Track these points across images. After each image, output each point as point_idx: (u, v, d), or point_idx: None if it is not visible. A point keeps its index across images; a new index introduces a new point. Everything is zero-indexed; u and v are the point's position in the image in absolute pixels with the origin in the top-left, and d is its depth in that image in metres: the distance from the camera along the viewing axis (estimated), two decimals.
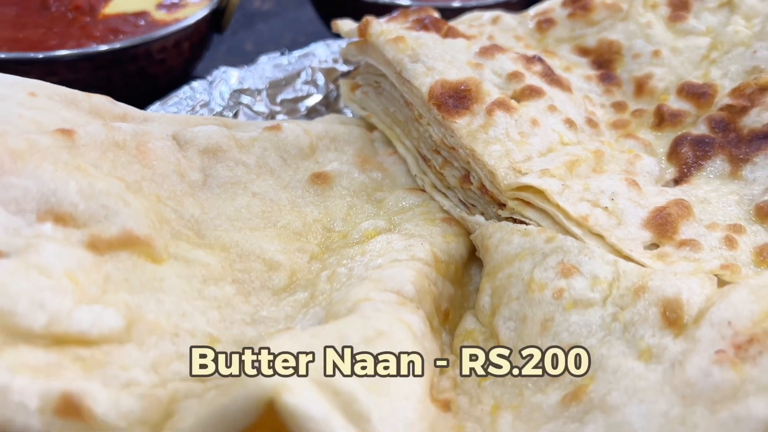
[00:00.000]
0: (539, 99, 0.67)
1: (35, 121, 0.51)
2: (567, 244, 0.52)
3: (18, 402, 0.33)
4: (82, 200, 0.46)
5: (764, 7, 0.76)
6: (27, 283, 0.38)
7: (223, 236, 0.53)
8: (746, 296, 0.44)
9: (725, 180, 0.63)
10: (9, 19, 0.93)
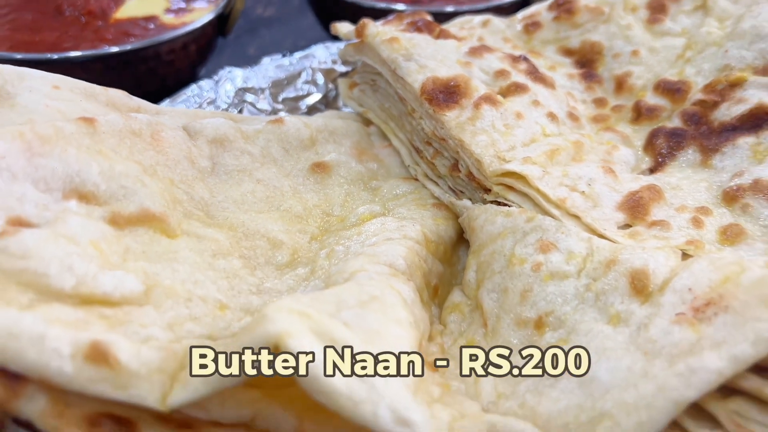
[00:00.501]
0: (524, 94, 0.71)
1: (59, 110, 0.55)
2: (545, 223, 0.56)
3: (53, 348, 0.37)
4: (103, 181, 0.51)
5: (736, 10, 0.80)
6: (57, 249, 0.43)
7: (231, 217, 0.58)
8: (706, 266, 0.49)
9: (696, 168, 0.67)
10: (26, 23, 0.98)
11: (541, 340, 0.50)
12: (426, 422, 0.39)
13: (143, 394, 0.39)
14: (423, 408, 0.41)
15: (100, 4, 1.02)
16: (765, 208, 0.59)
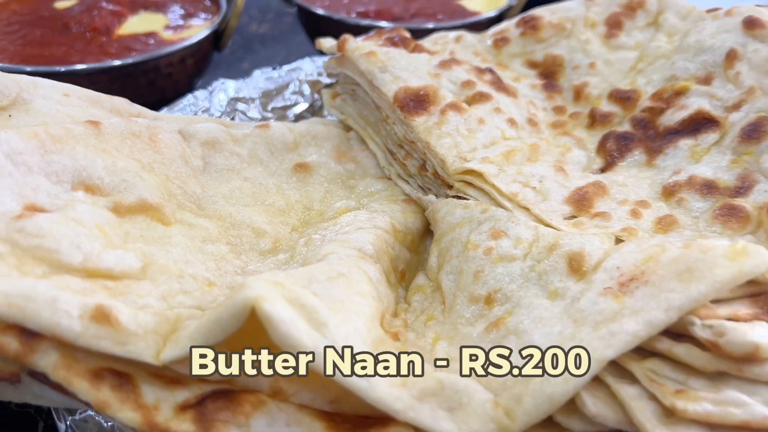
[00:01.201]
0: (487, 102, 0.78)
1: (69, 115, 0.62)
2: (498, 213, 0.63)
3: (64, 310, 0.43)
4: (107, 175, 0.57)
5: (683, 26, 0.87)
6: (67, 230, 0.49)
7: (220, 209, 0.65)
8: (634, 248, 0.55)
9: (642, 168, 0.74)
10: (36, 39, 1.05)
11: (490, 313, 0.56)
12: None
13: (139, 350, 0.45)
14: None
15: (104, 21, 1.09)
16: (696, 201, 0.66)
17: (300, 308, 0.45)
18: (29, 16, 1.12)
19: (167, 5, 1.16)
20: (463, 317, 0.57)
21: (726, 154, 0.70)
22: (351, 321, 0.48)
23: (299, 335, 0.43)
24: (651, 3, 0.92)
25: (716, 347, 0.48)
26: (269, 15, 1.53)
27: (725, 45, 0.78)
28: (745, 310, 0.51)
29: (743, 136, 0.69)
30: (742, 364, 0.48)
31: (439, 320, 0.59)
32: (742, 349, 0.47)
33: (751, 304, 0.52)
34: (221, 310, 0.44)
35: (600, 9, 0.94)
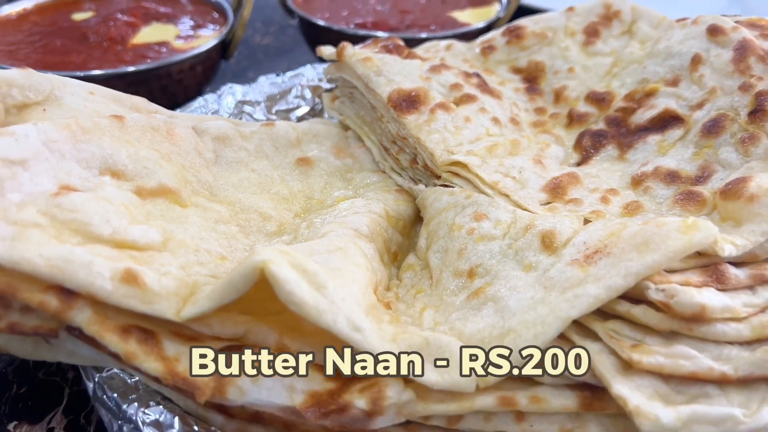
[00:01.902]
0: (473, 103, 0.85)
1: (95, 110, 0.68)
2: (480, 199, 0.69)
3: (98, 272, 0.50)
4: (130, 162, 0.64)
5: (655, 34, 0.94)
6: (98, 206, 0.55)
7: (230, 196, 0.71)
8: (599, 226, 0.61)
9: (614, 162, 0.80)
10: (57, 47, 1.12)
11: (471, 285, 0.62)
12: (374, 331, 0.52)
13: (163, 309, 0.51)
14: (373, 323, 0.53)
15: (119, 32, 1.16)
16: (661, 189, 0.72)
17: (302, 272, 0.51)
18: (49, 27, 1.19)
19: (178, 17, 1.23)
20: (448, 289, 0.64)
21: (689, 147, 0.76)
22: (347, 285, 0.54)
23: (302, 294, 0.49)
24: (626, 13, 0.99)
25: (668, 308, 0.54)
26: (272, 27, 1.60)
27: (691, 50, 0.84)
28: (696, 278, 0.57)
29: (704, 131, 0.75)
30: (692, 324, 0.54)
31: (426, 293, 0.65)
32: (690, 309, 0.53)
33: (702, 273, 0.58)
34: (234, 273, 0.50)
35: (579, 19, 1.01)
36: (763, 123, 0.71)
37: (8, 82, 0.63)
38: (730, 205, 0.63)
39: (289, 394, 0.51)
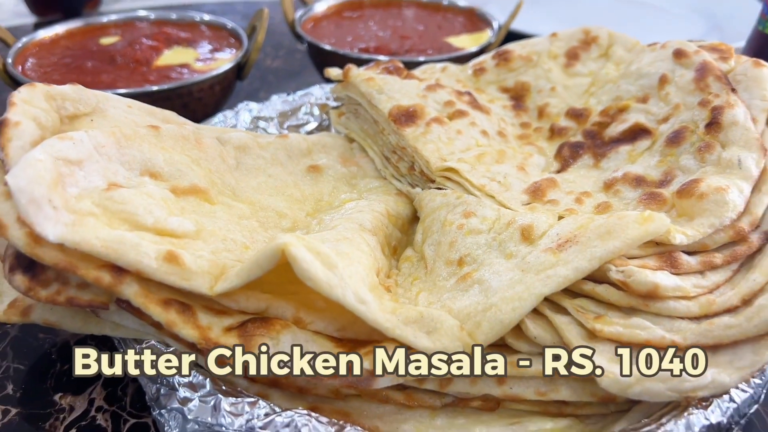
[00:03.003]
0: (464, 118, 0.94)
1: (133, 121, 0.78)
2: (469, 199, 0.79)
3: (144, 252, 0.58)
4: (166, 165, 0.73)
5: (628, 57, 1.04)
6: (142, 200, 0.64)
7: (250, 197, 0.80)
8: (571, 221, 0.70)
9: (589, 169, 0.90)
10: (88, 69, 1.22)
11: (460, 271, 0.71)
12: (376, 304, 0.61)
13: (198, 285, 0.60)
14: (375, 298, 0.62)
15: (144, 54, 1.26)
16: (628, 191, 0.80)
17: (316, 254, 0.60)
18: (79, 51, 1.29)
19: (198, 41, 1.34)
20: (440, 276, 0.72)
21: (655, 156, 0.85)
22: (353, 266, 0.63)
23: (316, 271, 0.58)
24: (603, 38, 1.09)
25: (626, 286, 0.62)
26: (281, 51, 1.71)
27: (659, 71, 0.94)
28: (653, 263, 0.66)
29: (668, 142, 0.85)
30: (647, 300, 0.63)
31: (422, 279, 0.74)
32: (645, 288, 0.62)
33: (658, 259, 0.67)
34: (259, 254, 0.59)
35: (561, 44, 1.11)
36: (717, 134, 0.80)
37: (62, 96, 0.72)
38: (685, 202, 0.72)
39: None
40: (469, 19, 1.53)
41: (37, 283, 0.62)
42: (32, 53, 1.26)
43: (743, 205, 0.71)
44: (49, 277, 0.62)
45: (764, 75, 0.86)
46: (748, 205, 0.72)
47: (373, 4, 1.60)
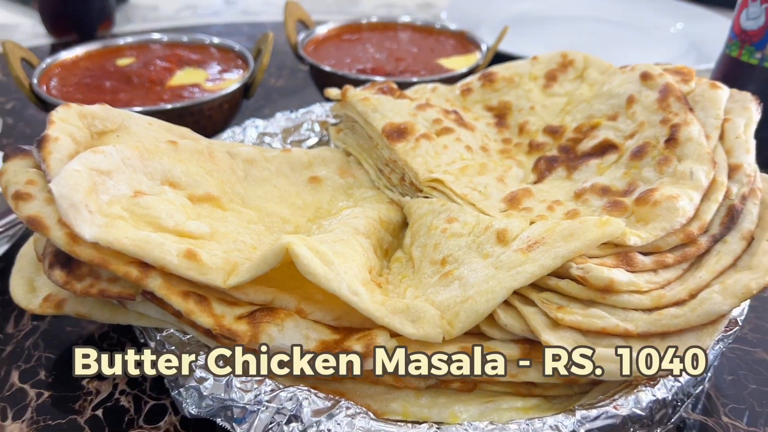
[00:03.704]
0: (450, 134, 1.04)
1: (154, 136, 0.87)
2: (452, 207, 0.88)
3: (168, 249, 0.67)
4: (183, 176, 0.82)
5: (601, 78, 1.13)
6: (164, 205, 0.73)
7: (258, 204, 0.89)
8: (540, 226, 0.79)
9: (563, 181, 0.99)
10: (107, 88, 1.31)
11: (443, 269, 0.80)
12: (368, 296, 0.70)
13: (213, 278, 0.69)
14: (367, 291, 0.71)
15: (158, 75, 1.35)
16: (595, 200, 0.89)
17: (316, 252, 0.69)
18: (98, 71, 1.38)
19: (207, 63, 1.43)
20: (425, 274, 0.81)
21: (621, 168, 0.94)
22: (348, 263, 0.72)
23: (315, 267, 0.67)
24: (579, 62, 1.18)
25: (585, 281, 0.71)
26: (284, 72, 1.81)
27: (627, 92, 1.03)
28: (610, 261, 0.75)
29: (632, 156, 0.93)
30: (604, 294, 0.72)
31: (410, 277, 0.83)
32: (601, 282, 0.71)
33: (615, 258, 0.75)
34: (267, 251, 0.68)
35: (541, 66, 1.20)
36: (674, 148, 0.89)
37: (93, 115, 0.81)
38: (641, 209, 0.80)
39: (305, 341, 0.69)
40: (459, 42, 1.63)
41: (73, 277, 0.71)
42: (55, 74, 1.36)
43: (693, 212, 0.80)
44: (84, 272, 0.71)
45: (719, 96, 0.96)
46: (698, 211, 0.81)
47: (371, 27, 1.70)
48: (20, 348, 0.88)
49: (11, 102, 1.59)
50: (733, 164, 0.87)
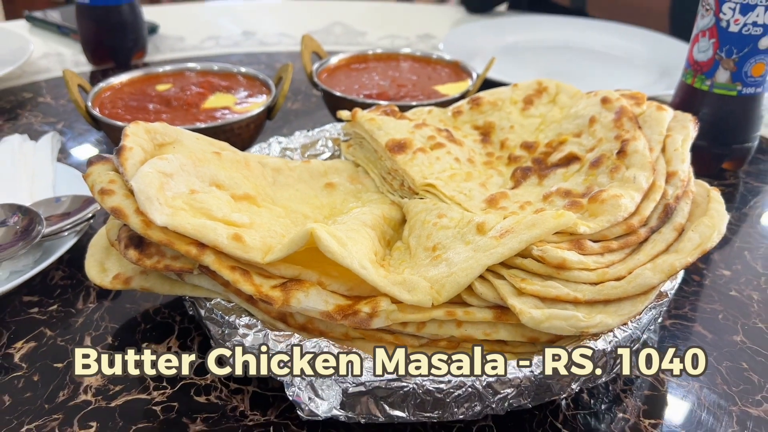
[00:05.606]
0: (442, 148, 1.22)
1: (200, 149, 1.06)
2: (442, 206, 1.06)
3: (219, 233, 0.85)
4: (227, 180, 1.01)
5: (570, 102, 1.31)
6: (214, 200, 0.92)
7: (284, 204, 1.08)
8: (511, 219, 0.97)
9: (534, 187, 1.17)
10: (150, 110, 1.50)
11: (433, 254, 0.98)
12: (374, 270, 0.88)
13: (254, 256, 0.87)
14: (373, 267, 0.90)
15: (193, 99, 1.55)
16: (559, 201, 1.07)
17: (333, 236, 0.87)
18: (141, 95, 1.58)
19: (236, 89, 1.63)
20: (420, 258, 1.00)
21: (582, 176, 1.13)
22: (358, 246, 0.90)
23: (333, 247, 0.85)
24: (552, 88, 1.37)
25: (543, 260, 0.89)
26: (300, 96, 2.00)
27: (590, 113, 1.22)
28: (565, 246, 0.93)
29: (591, 165, 1.12)
30: (558, 270, 0.90)
31: (407, 262, 1.01)
32: (556, 261, 0.89)
33: (569, 243, 0.94)
34: (295, 235, 0.86)
35: (520, 92, 1.39)
36: (624, 159, 1.07)
37: (154, 130, 1.01)
38: (592, 206, 0.99)
39: (325, 305, 0.87)
40: (453, 71, 1.82)
41: (144, 255, 0.90)
42: (105, 97, 1.56)
43: (634, 208, 0.98)
44: (152, 251, 0.90)
45: (663, 117, 1.15)
46: (639, 208, 0.99)
47: (376, 57, 1.90)
48: (90, 320, 1.06)
49: (61, 122, 1.79)
50: (671, 171, 1.06)
